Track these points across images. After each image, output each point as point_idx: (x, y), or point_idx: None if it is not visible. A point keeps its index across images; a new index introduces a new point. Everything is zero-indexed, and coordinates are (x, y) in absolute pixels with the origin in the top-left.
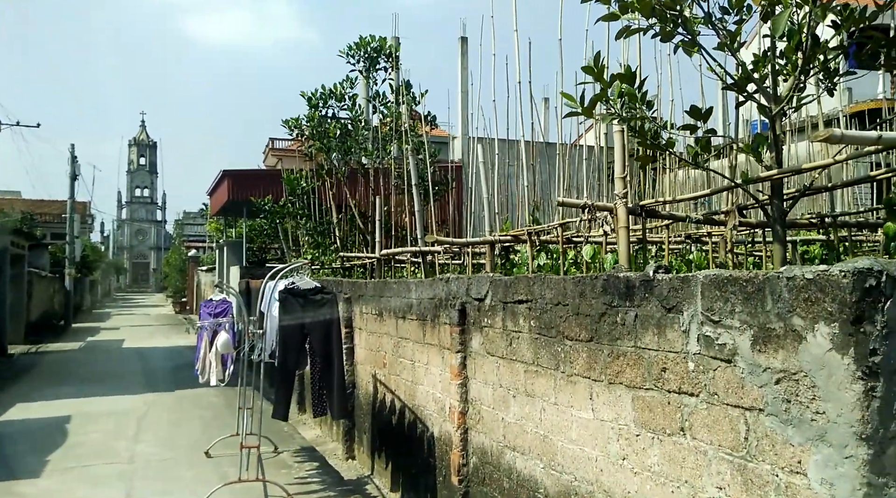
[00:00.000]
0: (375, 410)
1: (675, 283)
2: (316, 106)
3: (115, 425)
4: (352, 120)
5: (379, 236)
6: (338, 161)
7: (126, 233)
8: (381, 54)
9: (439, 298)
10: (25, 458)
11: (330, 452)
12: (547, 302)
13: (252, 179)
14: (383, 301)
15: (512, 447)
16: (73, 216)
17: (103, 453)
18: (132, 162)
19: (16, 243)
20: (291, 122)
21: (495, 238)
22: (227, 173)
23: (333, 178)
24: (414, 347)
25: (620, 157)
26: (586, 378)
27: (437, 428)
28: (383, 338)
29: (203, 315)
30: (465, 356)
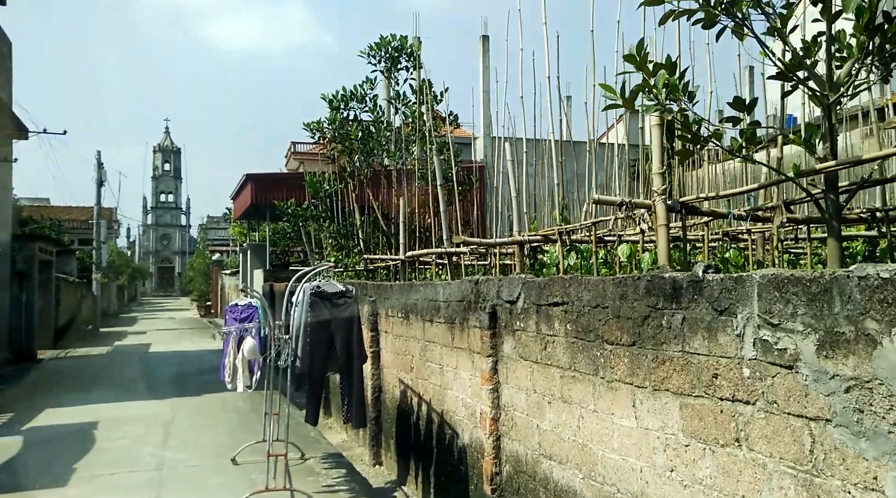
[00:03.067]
0: (402, 414)
1: (728, 283)
2: (337, 108)
3: (141, 431)
4: (373, 121)
5: (403, 238)
6: (360, 163)
7: (151, 238)
8: (402, 54)
9: (468, 301)
10: (52, 465)
11: (356, 458)
12: (584, 304)
13: (275, 183)
14: (409, 304)
15: (548, 456)
16: (100, 222)
17: (130, 460)
18: (157, 168)
19: (44, 249)
20: (313, 125)
21: (524, 238)
22: (250, 177)
23: (356, 180)
24: (442, 351)
25: (658, 151)
26: (629, 384)
27: (468, 434)
28: (410, 341)
29: (229, 320)
30: (497, 361)
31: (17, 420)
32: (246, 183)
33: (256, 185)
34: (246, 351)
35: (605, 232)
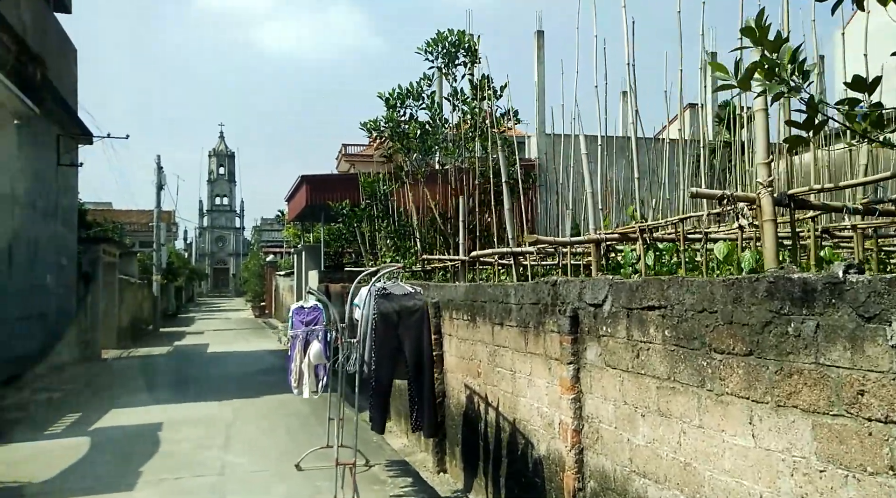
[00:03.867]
0: (469, 421)
1: (879, 286)
2: (394, 106)
3: (204, 433)
4: (430, 118)
5: (462, 238)
6: (417, 162)
7: (207, 240)
8: (459, 49)
9: (544, 304)
10: (119, 468)
11: (419, 464)
12: (687, 308)
13: (329, 184)
14: (476, 306)
15: (642, 473)
16: (160, 224)
17: (194, 464)
18: (212, 172)
19: (108, 252)
20: (369, 124)
21: (601, 236)
22: (305, 179)
23: (412, 179)
24: (514, 357)
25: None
26: (744, 399)
27: (545, 445)
28: (477, 345)
29: (295, 323)
30: (579, 368)
31: (85, 420)
32: (301, 184)
33: (311, 187)
34: (312, 355)
35: (689, 230)
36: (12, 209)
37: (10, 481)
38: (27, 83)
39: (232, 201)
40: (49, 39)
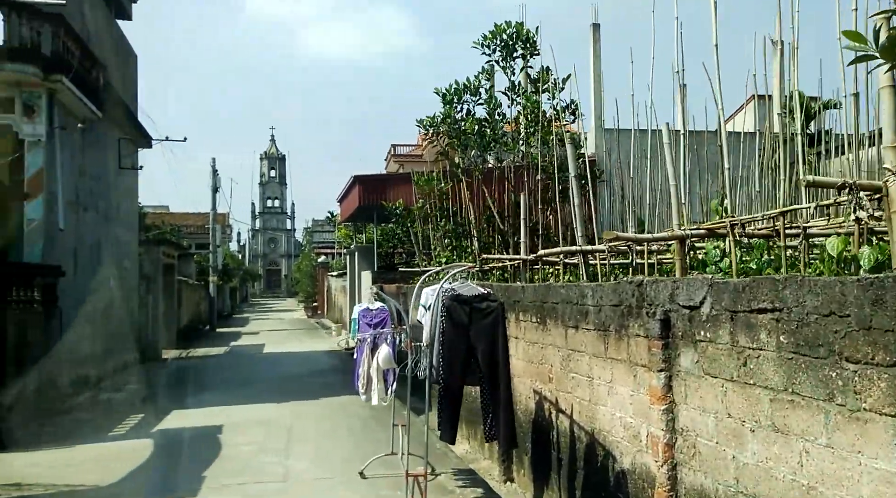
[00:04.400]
0: (539, 429)
1: None
2: (451, 102)
3: (264, 437)
4: (488, 113)
5: (524, 236)
6: (474, 159)
7: (259, 241)
8: (517, 41)
9: (627, 306)
10: (183, 472)
11: (483, 472)
12: (809, 311)
13: (382, 184)
14: (547, 307)
15: (751, 495)
16: (215, 226)
17: (257, 469)
18: (263, 174)
19: (167, 254)
20: (426, 121)
21: (685, 231)
22: (357, 179)
23: (469, 176)
24: (591, 362)
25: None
26: (888, 416)
27: (629, 459)
28: (547, 349)
29: (361, 326)
30: (671, 376)
31: (147, 422)
32: (353, 185)
33: (364, 187)
34: (381, 359)
35: (785, 224)
36: (77, 212)
37: (76, 485)
38: (90, 88)
39: (283, 203)
40: (111, 45)
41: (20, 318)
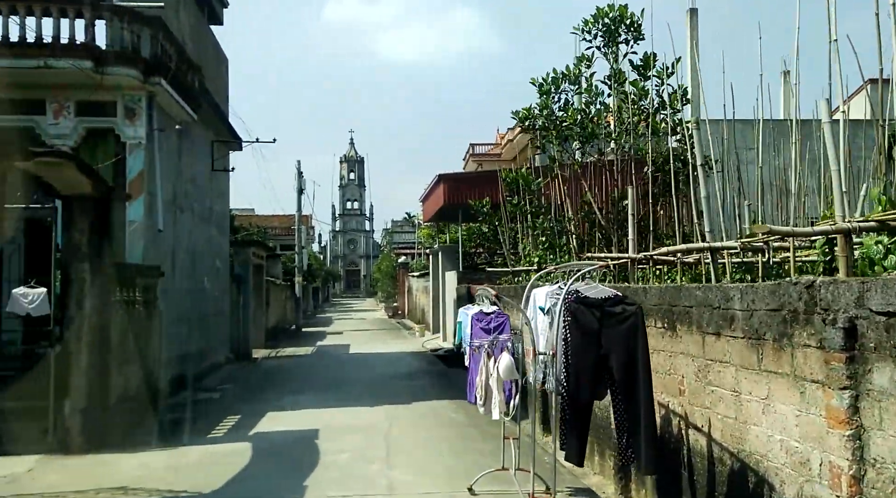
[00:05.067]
0: (664, 445)
1: None
2: (548, 92)
3: (362, 443)
4: (586, 104)
5: (632, 233)
6: (573, 151)
7: (340, 242)
8: (620, 25)
9: (791, 310)
10: (284, 481)
11: (596, 487)
12: None
13: (467, 182)
14: (677, 311)
15: None
16: (301, 228)
17: (359, 479)
18: (343, 177)
19: (256, 255)
20: (522, 113)
21: (850, 224)
22: (441, 177)
23: (567, 171)
24: (739, 375)
25: None
26: None
27: (793, 489)
28: (677, 358)
29: (476, 332)
30: (858, 395)
31: (244, 424)
32: (437, 184)
33: (448, 186)
34: (502, 370)
35: None
36: (174, 214)
37: (179, 491)
38: (186, 90)
39: (362, 205)
40: (205, 49)
41: (123, 318)
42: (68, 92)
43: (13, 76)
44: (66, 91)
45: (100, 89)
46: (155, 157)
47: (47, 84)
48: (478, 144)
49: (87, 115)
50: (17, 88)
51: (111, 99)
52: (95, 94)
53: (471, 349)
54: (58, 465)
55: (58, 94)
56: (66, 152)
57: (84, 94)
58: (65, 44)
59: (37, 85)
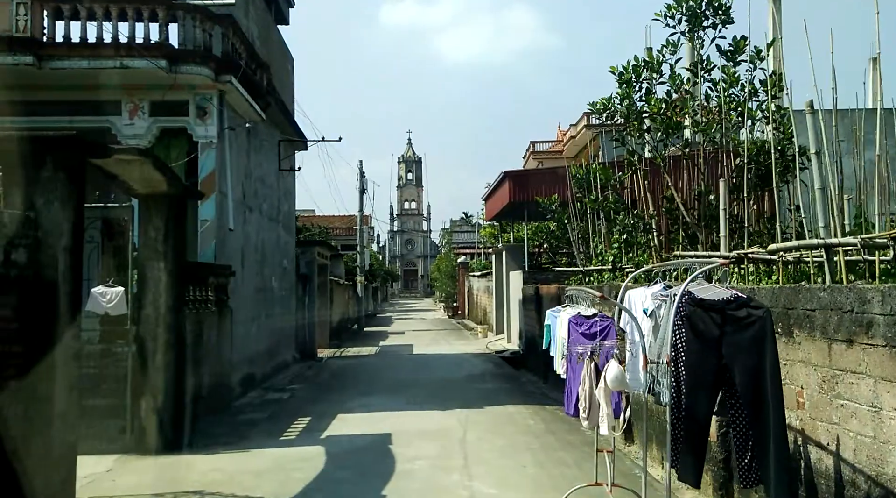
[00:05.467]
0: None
1: None
2: (629, 81)
3: (438, 450)
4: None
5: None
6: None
7: (397, 242)
8: (707, 8)
9: None
10: (361, 490)
11: None
12: None
13: (534, 179)
14: (795, 315)
15: None
16: (363, 228)
17: (440, 491)
18: (401, 177)
19: (321, 254)
20: (600, 103)
21: None
22: (507, 174)
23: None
24: (879, 387)
25: None
26: None
27: None
28: (795, 366)
29: (575, 338)
30: None
31: (315, 426)
32: (503, 181)
33: (514, 183)
34: (610, 380)
35: None
36: (244, 213)
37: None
38: (255, 89)
39: (419, 205)
40: (272, 48)
41: (197, 317)
42: (142, 92)
43: (91, 77)
44: (141, 91)
45: (173, 89)
46: (226, 156)
47: (123, 85)
48: (538, 142)
49: (161, 115)
50: (95, 90)
51: (183, 98)
52: (168, 94)
53: (570, 356)
54: (135, 466)
55: (133, 95)
56: (142, 149)
57: (157, 94)
58: (140, 43)
59: (113, 86)
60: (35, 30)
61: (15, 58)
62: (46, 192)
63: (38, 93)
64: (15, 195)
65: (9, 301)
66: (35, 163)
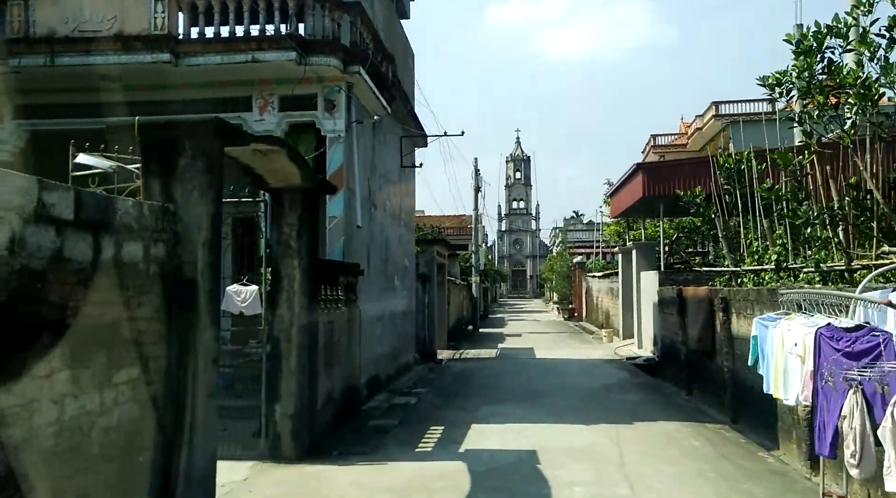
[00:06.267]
0: None
1: None
2: (808, 50)
3: (594, 475)
4: (857, 62)
5: None
6: (846, 120)
7: (506, 242)
8: None
9: None
10: None
11: None
12: None
13: (671, 171)
14: None
15: None
16: (478, 227)
17: None
18: (509, 177)
19: (440, 253)
20: (772, 77)
21: None
22: (640, 167)
23: (832, 148)
24: None
25: None
26: None
27: None
28: None
29: (831, 358)
30: None
31: (451, 437)
32: (634, 174)
33: (649, 175)
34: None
35: None
36: (370, 210)
37: None
38: (381, 81)
39: (528, 204)
40: (394, 42)
41: (328, 317)
42: (272, 87)
43: (223, 73)
44: (270, 86)
45: (301, 82)
46: (354, 150)
47: (253, 80)
48: (659, 135)
49: (290, 110)
50: (226, 86)
51: (311, 91)
52: (297, 88)
53: (818, 380)
54: (272, 475)
55: (263, 90)
56: (279, 138)
57: (286, 88)
58: (270, 36)
59: (244, 82)
60: (171, 28)
61: (153, 55)
62: (184, 181)
63: (172, 92)
64: (153, 186)
65: (149, 300)
66: (173, 151)
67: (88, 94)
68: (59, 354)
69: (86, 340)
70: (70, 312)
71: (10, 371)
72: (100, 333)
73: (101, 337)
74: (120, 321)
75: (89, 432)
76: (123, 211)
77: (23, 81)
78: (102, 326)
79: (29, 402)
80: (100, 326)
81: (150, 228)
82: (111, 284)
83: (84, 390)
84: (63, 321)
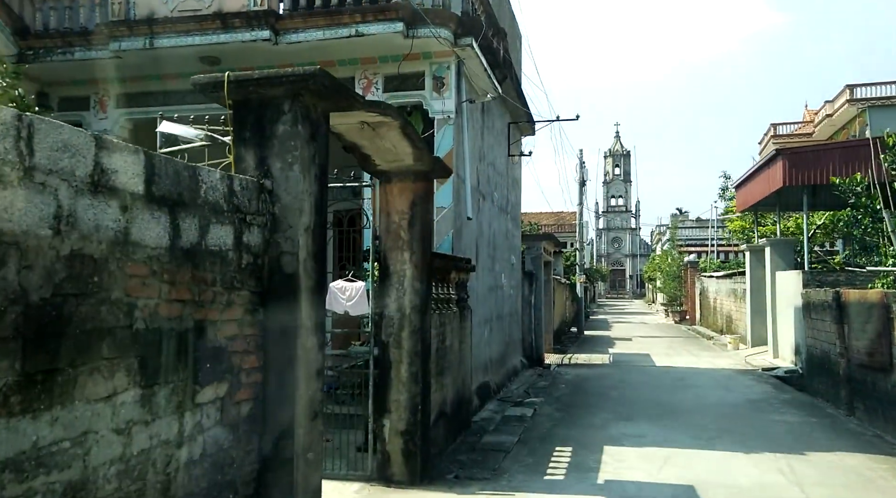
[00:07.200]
0: None
1: None
2: None
3: None
4: None
5: None
6: None
7: (604, 241)
8: None
9: None
10: None
11: None
12: None
13: (819, 156)
14: None
15: None
16: (583, 222)
17: None
18: (607, 173)
19: (546, 250)
20: None
21: None
22: (781, 153)
23: None
24: None
25: None
26: None
27: None
28: None
29: None
30: None
31: (583, 463)
32: (773, 160)
33: (791, 162)
34: None
35: None
36: (478, 201)
37: None
38: (492, 58)
39: (627, 201)
40: (504, 20)
41: (440, 319)
42: (376, 66)
43: (324, 51)
44: (374, 65)
45: (407, 58)
46: (464, 134)
47: (356, 58)
48: (780, 124)
49: (395, 90)
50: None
51: (419, 69)
52: (403, 66)
53: None
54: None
55: (366, 69)
56: (391, 106)
57: (391, 67)
58: (375, 5)
59: (347, 60)
60: (271, 4)
61: (253, 33)
62: (284, 151)
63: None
64: (246, 158)
65: (240, 299)
66: (272, 113)
67: (187, 80)
68: (123, 367)
69: (159, 350)
70: (139, 314)
71: (57, 393)
72: (178, 341)
73: (180, 345)
74: (204, 325)
75: (165, 469)
76: (209, 185)
77: (123, 68)
78: (181, 331)
79: (83, 434)
80: (177, 332)
81: (243, 209)
82: (193, 277)
83: (158, 415)
84: (130, 325)
